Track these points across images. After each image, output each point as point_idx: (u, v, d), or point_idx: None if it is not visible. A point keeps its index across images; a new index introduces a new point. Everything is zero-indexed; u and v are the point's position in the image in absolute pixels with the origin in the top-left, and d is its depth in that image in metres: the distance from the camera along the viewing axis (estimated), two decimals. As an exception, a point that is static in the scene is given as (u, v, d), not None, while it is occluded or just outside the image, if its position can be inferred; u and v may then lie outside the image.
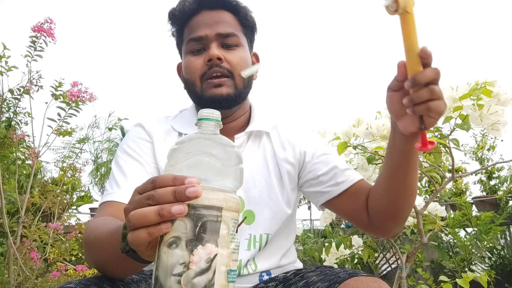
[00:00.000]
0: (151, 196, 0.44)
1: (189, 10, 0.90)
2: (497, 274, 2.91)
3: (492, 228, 2.63)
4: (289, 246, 0.94)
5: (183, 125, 0.93)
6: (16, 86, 2.12)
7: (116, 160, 0.88)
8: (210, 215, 0.44)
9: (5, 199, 2.13)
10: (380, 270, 2.50)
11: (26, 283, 2.02)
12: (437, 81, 0.61)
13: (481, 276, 1.54)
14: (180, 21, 0.92)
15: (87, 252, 0.70)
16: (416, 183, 0.80)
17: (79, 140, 2.63)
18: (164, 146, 0.89)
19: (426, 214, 1.54)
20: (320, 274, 0.73)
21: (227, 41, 0.88)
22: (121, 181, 0.82)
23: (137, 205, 0.45)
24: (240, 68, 0.87)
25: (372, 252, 1.80)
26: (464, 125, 1.15)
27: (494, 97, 1.11)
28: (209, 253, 0.43)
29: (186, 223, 0.43)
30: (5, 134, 2.11)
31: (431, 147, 0.65)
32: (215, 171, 0.47)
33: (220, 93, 0.84)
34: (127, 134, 0.95)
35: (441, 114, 0.62)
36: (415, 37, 0.59)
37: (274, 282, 0.83)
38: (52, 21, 2.08)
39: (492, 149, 3.70)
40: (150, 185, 0.46)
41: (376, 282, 0.63)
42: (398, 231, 0.90)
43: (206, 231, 0.44)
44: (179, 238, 0.43)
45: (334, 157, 0.93)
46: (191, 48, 0.89)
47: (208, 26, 0.87)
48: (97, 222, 0.71)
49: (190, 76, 0.88)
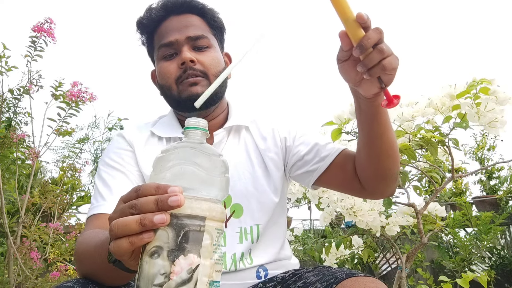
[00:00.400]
0: (134, 205, 0.44)
1: (157, 17, 0.91)
2: (497, 274, 2.91)
3: (492, 228, 2.63)
4: (282, 238, 0.94)
5: (163, 129, 0.95)
6: (16, 86, 2.12)
7: (99, 174, 0.88)
8: (192, 224, 0.43)
9: (5, 199, 2.13)
10: (380, 270, 2.50)
11: (26, 283, 2.02)
12: (382, 39, 0.61)
13: (481, 276, 1.54)
14: (149, 28, 0.93)
15: (78, 265, 0.71)
16: (394, 140, 0.80)
17: (79, 140, 2.63)
18: (146, 152, 0.90)
19: (426, 214, 1.54)
20: (318, 274, 0.73)
21: (198, 43, 0.89)
22: (105, 193, 0.83)
23: (121, 214, 0.45)
24: (214, 68, 0.89)
25: (372, 252, 1.80)
26: (463, 123, 1.15)
27: (491, 94, 1.11)
28: (191, 264, 0.43)
29: (168, 232, 0.43)
30: (5, 134, 2.11)
31: (397, 101, 0.66)
32: (200, 180, 0.46)
33: (196, 92, 0.85)
34: (108, 147, 0.96)
35: (396, 68, 0.63)
36: (346, 6, 0.60)
37: (273, 283, 0.83)
38: (52, 21, 2.08)
39: (492, 149, 3.70)
40: (134, 194, 0.46)
41: (373, 283, 0.63)
42: (393, 189, 0.89)
43: (188, 241, 0.43)
44: (161, 248, 0.43)
45: (313, 136, 0.95)
46: (163, 54, 0.90)
47: (177, 30, 0.89)
48: (86, 235, 0.72)
49: (165, 81, 0.89)
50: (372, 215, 1.38)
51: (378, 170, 0.82)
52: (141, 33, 0.96)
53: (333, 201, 1.42)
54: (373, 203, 1.39)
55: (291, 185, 1.50)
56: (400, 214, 1.55)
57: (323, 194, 1.43)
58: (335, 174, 0.89)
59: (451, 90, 1.18)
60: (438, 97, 1.23)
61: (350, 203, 1.37)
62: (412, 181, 1.51)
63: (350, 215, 1.37)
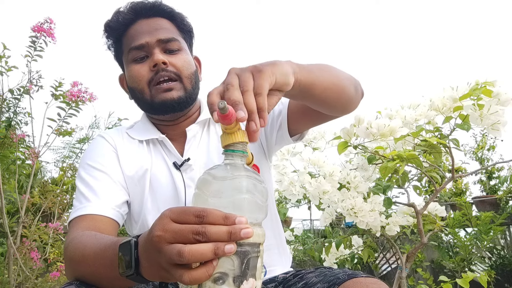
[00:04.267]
0: (202, 232, 0.44)
1: (125, 20, 0.90)
2: (497, 274, 2.91)
3: (492, 228, 2.63)
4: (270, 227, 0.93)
5: (140, 132, 0.95)
6: (16, 86, 2.12)
7: (80, 176, 0.87)
8: (253, 251, 0.47)
9: (5, 199, 2.13)
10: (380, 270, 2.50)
11: (26, 283, 2.02)
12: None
13: (481, 276, 1.54)
14: (117, 32, 0.92)
15: (71, 268, 0.69)
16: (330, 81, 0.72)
17: (79, 140, 2.63)
18: (128, 154, 0.90)
19: (426, 214, 1.55)
20: (320, 275, 0.73)
21: (169, 46, 0.89)
22: (88, 194, 0.82)
23: (181, 239, 0.44)
24: (186, 70, 0.89)
25: (372, 252, 1.80)
26: (464, 125, 1.15)
27: (494, 97, 1.11)
28: (252, 287, 0.47)
29: (234, 260, 0.46)
30: (5, 134, 2.11)
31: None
32: (257, 208, 0.49)
33: (171, 97, 0.85)
34: (88, 148, 0.95)
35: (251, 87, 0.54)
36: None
37: (274, 283, 0.83)
38: (52, 21, 2.08)
39: (492, 149, 3.69)
40: (194, 218, 0.45)
41: (375, 284, 0.63)
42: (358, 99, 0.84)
43: (249, 267, 0.47)
44: (226, 274, 0.46)
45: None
46: (133, 57, 0.89)
47: (147, 33, 0.88)
48: (79, 238, 0.70)
49: (136, 84, 0.88)
50: (373, 216, 1.38)
51: (330, 106, 0.77)
52: (108, 37, 0.95)
53: (334, 202, 1.42)
54: (373, 204, 1.39)
55: (291, 186, 1.50)
56: (400, 214, 1.55)
57: (324, 195, 1.43)
58: (298, 118, 0.88)
59: (453, 93, 1.18)
60: (439, 98, 1.23)
61: (351, 204, 1.37)
62: (412, 181, 1.51)
63: (350, 215, 1.37)
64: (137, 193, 0.87)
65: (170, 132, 0.93)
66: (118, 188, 0.85)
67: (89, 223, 0.77)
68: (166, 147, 0.91)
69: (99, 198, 0.81)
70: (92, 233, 0.71)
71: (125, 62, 0.92)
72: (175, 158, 0.89)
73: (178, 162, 0.88)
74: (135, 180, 0.87)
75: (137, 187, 0.87)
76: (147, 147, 0.92)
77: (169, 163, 0.89)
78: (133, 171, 0.88)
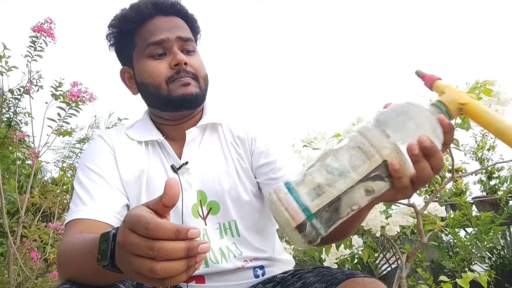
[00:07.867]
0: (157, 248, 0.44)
1: (145, 13, 0.89)
2: (497, 274, 2.91)
3: (492, 228, 2.62)
4: (267, 232, 0.93)
5: (139, 133, 0.94)
6: (16, 86, 2.12)
7: (78, 178, 0.86)
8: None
9: (5, 199, 2.13)
10: (380, 270, 2.50)
11: (26, 283, 2.02)
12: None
13: (481, 276, 1.54)
14: (133, 24, 0.90)
15: (62, 269, 0.70)
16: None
17: (79, 140, 2.63)
18: (126, 156, 0.89)
19: (426, 214, 1.55)
20: (318, 274, 0.73)
21: (186, 46, 0.89)
22: (85, 198, 0.81)
23: (139, 253, 0.45)
24: (202, 71, 0.90)
25: (372, 252, 1.80)
26: (464, 124, 1.15)
27: (494, 96, 1.11)
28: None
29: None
30: (5, 134, 2.11)
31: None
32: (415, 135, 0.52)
33: (190, 92, 0.85)
34: (87, 149, 0.94)
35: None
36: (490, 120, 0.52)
37: (272, 283, 0.83)
38: (52, 21, 2.08)
39: (492, 149, 3.70)
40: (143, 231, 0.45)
41: (373, 283, 0.63)
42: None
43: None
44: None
45: (275, 149, 0.91)
46: (151, 52, 0.87)
47: (167, 30, 0.88)
48: (68, 240, 0.71)
49: (153, 80, 0.87)
50: (373, 213, 1.38)
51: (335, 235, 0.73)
52: (118, 27, 0.92)
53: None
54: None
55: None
56: (400, 214, 1.55)
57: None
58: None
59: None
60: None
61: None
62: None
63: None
64: (133, 194, 0.87)
65: (170, 133, 0.93)
66: (115, 192, 0.85)
67: (83, 228, 0.76)
68: (165, 149, 0.91)
69: (95, 203, 0.80)
70: (80, 234, 0.71)
71: (138, 56, 0.90)
72: (173, 161, 0.89)
73: (176, 165, 0.88)
74: (131, 181, 0.87)
75: (133, 188, 0.87)
76: (146, 148, 0.92)
77: (166, 166, 0.89)
78: (130, 173, 0.88)
